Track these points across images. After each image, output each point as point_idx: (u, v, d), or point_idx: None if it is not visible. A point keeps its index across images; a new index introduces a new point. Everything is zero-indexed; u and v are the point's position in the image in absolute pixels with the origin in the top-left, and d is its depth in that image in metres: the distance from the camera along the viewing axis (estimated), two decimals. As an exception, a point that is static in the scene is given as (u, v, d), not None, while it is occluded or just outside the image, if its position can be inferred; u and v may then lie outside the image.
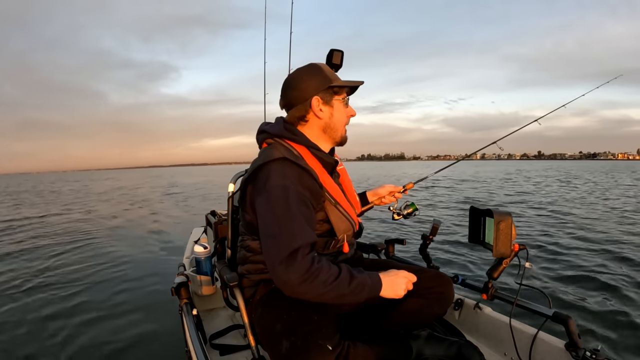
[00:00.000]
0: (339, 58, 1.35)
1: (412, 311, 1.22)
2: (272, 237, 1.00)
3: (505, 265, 1.32)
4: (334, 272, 1.00)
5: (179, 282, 1.66)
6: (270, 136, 1.21)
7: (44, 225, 8.60)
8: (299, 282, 0.95)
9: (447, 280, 1.27)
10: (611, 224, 6.68)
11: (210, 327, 1.77)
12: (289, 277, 0.95)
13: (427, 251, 1.75)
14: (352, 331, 1.13)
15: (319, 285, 0.97)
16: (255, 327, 1.19)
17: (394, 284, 1.09)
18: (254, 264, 1.20)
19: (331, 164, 1.23)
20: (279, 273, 0.95)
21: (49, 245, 6.17)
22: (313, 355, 0.92)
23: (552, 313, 1.27)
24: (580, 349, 1.16)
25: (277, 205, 1.02)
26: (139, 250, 5.66)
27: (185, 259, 2.36)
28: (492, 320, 1.54)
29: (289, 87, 1.22)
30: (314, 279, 0.96)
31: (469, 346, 1.21)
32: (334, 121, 1.22)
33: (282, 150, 1.13)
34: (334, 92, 1.20)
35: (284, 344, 0.98)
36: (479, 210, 1.37)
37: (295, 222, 1.00)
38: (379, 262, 1.37)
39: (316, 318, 1.03)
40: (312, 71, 1.21)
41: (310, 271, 0.95)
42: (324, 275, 0.97)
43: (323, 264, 1.00)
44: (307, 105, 1.18)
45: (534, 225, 6.61)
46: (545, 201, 10.49)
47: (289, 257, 0.95)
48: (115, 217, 9.61)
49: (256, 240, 1.18)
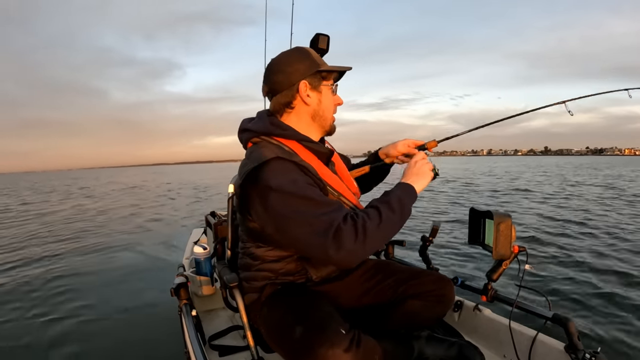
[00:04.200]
0: (325, 42, 1.29)
1: (412, 313, 1.22)
2: (306, 230, 0.93)
3: (505, 267, 1.32)
4: (374, 215, 0.96)
5: (178, 282, 1.66)
6: (255, 134, 1.13)
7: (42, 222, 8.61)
8: (357, 248, 0.90)
9: (447, 283, 1.27)
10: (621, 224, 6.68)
11: (210, 328, 1.77)
12: (344, 253, 0.90)
13: (427, 253, 1.75)
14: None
15: (374, 234, 0.93)
16: (261, 327, 1.15)
17: (419, 174, 1.11)
18: (260, 271, 1.16)
19: (326, 154, 1.16)
20: (335, 257, 0.90)
21: (48, 245, 6.17)
22: (328, 335, 0.91)
23: (551, 315, 1.27)
24: (580, 351, 1.16)
25: (292, 199, 0.95)
26: (138, 251, 5.65)
27: (185, 260, 2.36)
28: (491, 322, 1.54)
29: (274, 71, 1.13)
30: (366, 235, 0.91)
31: (469, 347, 1.21)
32: (322, 108, 1.15)
33: (272, 149, 1.05)
34: (322, 77, 1.13)
35: (298, 329, 0.97)
36: (479, 211, 1.37)
37: (319, 203, 0.95)
38: (379, 262, 1.37)
39: (327, 308, 1.03)
40: (299, 54, 1.13)
41: (358, 232, 0.91)
42: (371, 223, 0.93)
43: (361, 215, 0.95)
44: (293, 91, 1.10)
45: (534, 225, 6.61)
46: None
47: (334, 238, 0.89)
48: (113, 217, 9.61)
49: (262, 247, 1.14)
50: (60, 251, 5.67)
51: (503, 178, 20.72)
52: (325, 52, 1.33)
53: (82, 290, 3.85)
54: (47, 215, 10.61)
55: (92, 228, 7.91)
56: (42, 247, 6.09)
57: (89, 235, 7.08)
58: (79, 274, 4.42)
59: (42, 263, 4.99)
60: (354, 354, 0.89)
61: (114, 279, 4.23)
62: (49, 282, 4.13)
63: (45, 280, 4.20)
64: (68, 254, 5.48)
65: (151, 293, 3.65)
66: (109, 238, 6.71)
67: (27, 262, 5.07)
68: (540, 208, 8.98)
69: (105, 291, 3.80)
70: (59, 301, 3.54)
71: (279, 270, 1.15)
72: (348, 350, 0.89)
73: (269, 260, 1.15)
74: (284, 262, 1.14)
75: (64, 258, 5.26)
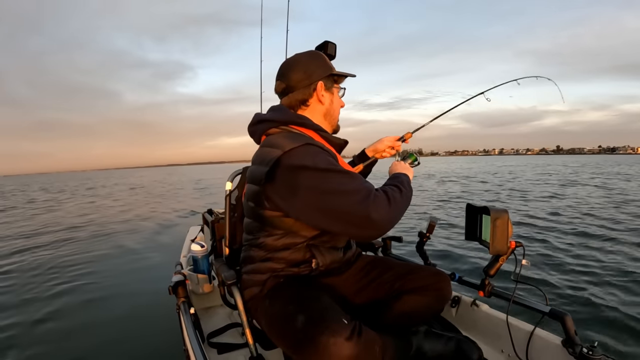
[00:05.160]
0: (334, 49, 1.37)
1: (410, 308, 1.23)
2: (351, 199, 0.95)
3: (502, 262, 1.33)
4: (395, 189, 1.05)
5: (176, 280, 1.65)
6: (275, 125, 1.18)
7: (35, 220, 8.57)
8: (390, 213, 0.97)
9: (444, 278, 1.28)
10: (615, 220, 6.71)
11: (208, 326, 1.77)
12: (383, 216, 0.95)
13: (424, 249, 1.76)
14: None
15: (400, 203, 1.02)
16: (262, 319, 1.15)
17: (405, 169, 1.25)
18: (265, 262, 1.16)
19: (341, 144, 1.27)
20: (377, 219, 0.94)
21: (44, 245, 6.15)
22: (330, 325, 0.92)
23: (548, 310, 1.28)
24: (577, 345, 1.17)
25: (330, 174, 0.99)
26: (135, 249, 5.64)
27: (183, 258, 2.36)
28: (489, 317, 1.54)
29: (292, 69, 1.21)
30: (395, 203, 1.00)
31: (467, 342, 1.22)
32: (333, 108, 1.26)
33: (294, 136, 1.10)
34: (334, 80, 1.25)
35: (300, 319, 0.98)
36: (476, 207, 1.37)
37: (354, 175, 1.02)
38: (377, 258, 1.38)
39: (328, 300, 1.05)
40: (317, 56, 1.24)
41: (390, 200, 0.99)
42: (396, 194, 1.02)
43: (386, 188, 1.05)
44: (311, 89, 1.20)
45: (532, 221, 6.63)
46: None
47: (374, 203, 0.95)
48: (112, 215, 9.58)
49: (273, 235, 1.14)
50: (54, 249, 5.65)
51: (503, 177, 20.60)
52: (333, 58, 1.41)
53: (77, 289, 3.83)
54: (41, 215, 10.56)
55: (88, 227, 7.89)
56: (39, 247, 6.07)
57: (83, 232, 7.05)
58: (73, 273, 4.40)
59: (35, 260, 4.98)
60: (355, 343, 0.90)
61: (111, 277, 4.22)
62: (44, 282, 4.11)
63: (41, 280, 4.19)
64: (62, 251, 5.47)
65: (149, 291, 3.64)
66: (106, 236, 6.69)
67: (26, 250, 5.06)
68: (539, 206, 9.02)
69: (101, 289, 3.78)
70: (51, 300, 3.52)
71: (286, 258, 1.15)
72: (349, 339, 0.89)
73: (278, 249, 1.15)
74: (292, 251, 1.15)
75: (57, 256, 5.24)
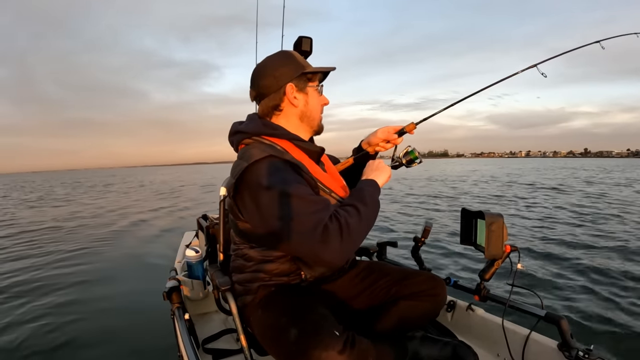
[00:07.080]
0: (309, 44, 1.33)
1: (405, 313, 1.22)
2: (296, 229, 0.95)
3: (497, 267, 1.33)
4: (353, 212, 1.00)
5: (170, 286, 1.64)
6: (247, 135, 1.16)
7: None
8: (343, 245, 0.94)
9: (440, 283, 1.28)
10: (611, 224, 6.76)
11: (203, 332, 1.75)
12: (332, 252, 0.93)
13: (419, 253, 1.75)
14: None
15: (357, 229, 0.98)
16: (255, 329, 1.15)
17: (379, 169, 1.21)
18: (253, 273, 1.16)
19: (317, 152, 1.20)
20: (323, 256, 0.93)
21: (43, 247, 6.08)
22: (323, 338, 0.91)
23: (544, 314, 1.28)
24: (573, 349, 1.17)
25: (283, 197, 0.97)
26: (129, 254, 5.59)
27: (177, 263, 2.34)
28: (484, 321, 1.54)
29: (260, 75, 1.16)
30: (350, 231, 0.96)
31: (463, 346, 1.21)
32: (310, 109, 1.18)
33: (264, 148, 1.08)
34: (308, 78, 1.17)
35: (292, 332, 0.97)
36: (471, 212, 1.37)
37: (309, 201, 0.97)
38: (372, 264, 1.37)
39: (321, 310, 1.04)
40: (284, 58, 1.17)
41: (343, 230, 0.95)
42: (352, 219, 0.98)
43: (342, 214, 0.99)
44: (280, 94, 1.14)
45: (528, 226, 6.66)
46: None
47: (322, 237, 0.92)
48: (105, 221, 9.50)
49: (255, 248, 1.15)
50: (51, 252, 5.59)
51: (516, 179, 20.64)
52: (309, 54, 1.36)
53: (73, 292, 3.79)
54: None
55: (85, 231, 7.81)
56: (40, 247, 6.00)
57: (81, 237, 6.98)
58: (69, 276, 4.35)
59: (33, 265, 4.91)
60: (348, 356, 0.89)
61: (104, 283, 4.17)
62: (36, 284, 4.07)
63: (34, 281, 4.14)
64: (59, 257, 5.41)
65: (143, 297, 3.60)
66: (105, 239, 6.61)
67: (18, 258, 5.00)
68: (539, 208, 9.07)
69: (94, 295, 3.74)
70: (47, 304, 3.48)
71: (273, 270, 1.14)
72: (342, 352, 0.89)
73: (263, 261, 1.14)
74: (278, 263, 1.14)
75: (54, 261, 5.18)
